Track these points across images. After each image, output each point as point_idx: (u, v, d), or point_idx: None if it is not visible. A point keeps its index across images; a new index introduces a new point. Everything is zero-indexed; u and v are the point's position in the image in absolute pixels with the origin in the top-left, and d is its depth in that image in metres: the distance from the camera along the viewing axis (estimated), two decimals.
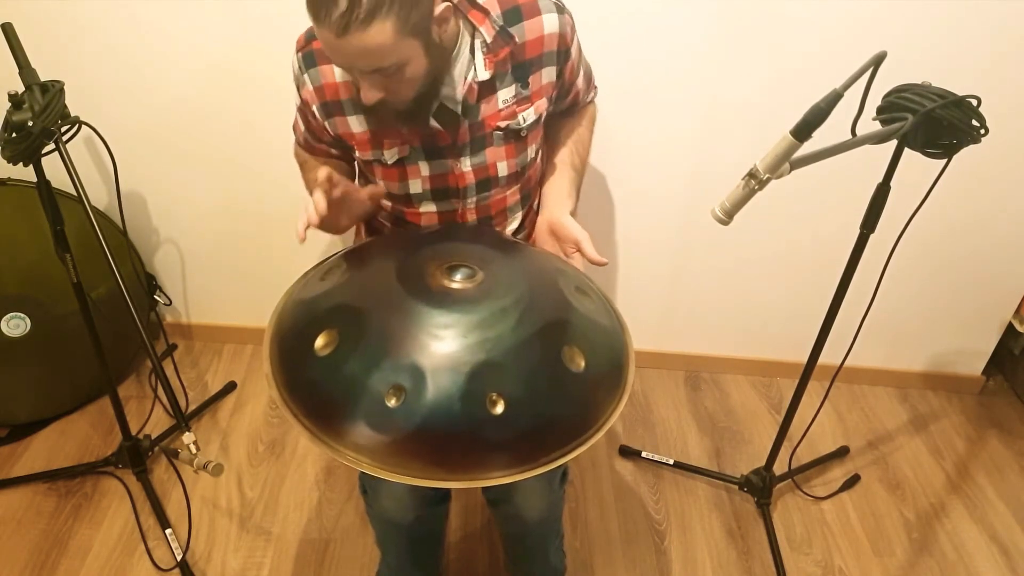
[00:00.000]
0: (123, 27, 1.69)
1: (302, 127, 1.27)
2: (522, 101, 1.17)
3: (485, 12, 1.10)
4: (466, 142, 1.17)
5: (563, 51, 1.17)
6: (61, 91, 1.22)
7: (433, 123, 1.13)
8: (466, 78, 1.11)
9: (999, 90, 1.63)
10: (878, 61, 1.02)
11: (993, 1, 1.57)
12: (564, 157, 1.32)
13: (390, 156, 1.17)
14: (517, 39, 1.12)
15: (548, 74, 1.18)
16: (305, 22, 1.19)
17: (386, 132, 1.16)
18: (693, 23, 1.63)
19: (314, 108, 1.17)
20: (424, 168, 1.19)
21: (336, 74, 1.13)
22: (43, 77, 1.23)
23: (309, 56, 1.14)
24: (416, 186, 1.21)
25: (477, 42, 1.11)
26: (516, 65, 1.14)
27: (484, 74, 1.12)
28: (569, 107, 1.34)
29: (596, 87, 1.39)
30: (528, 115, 1.18)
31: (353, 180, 1.33)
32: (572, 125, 1.35)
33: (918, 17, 1.59)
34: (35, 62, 1.23)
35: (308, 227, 1.04)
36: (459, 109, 1.14)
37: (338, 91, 1.14)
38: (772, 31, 1.63)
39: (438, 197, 1.23)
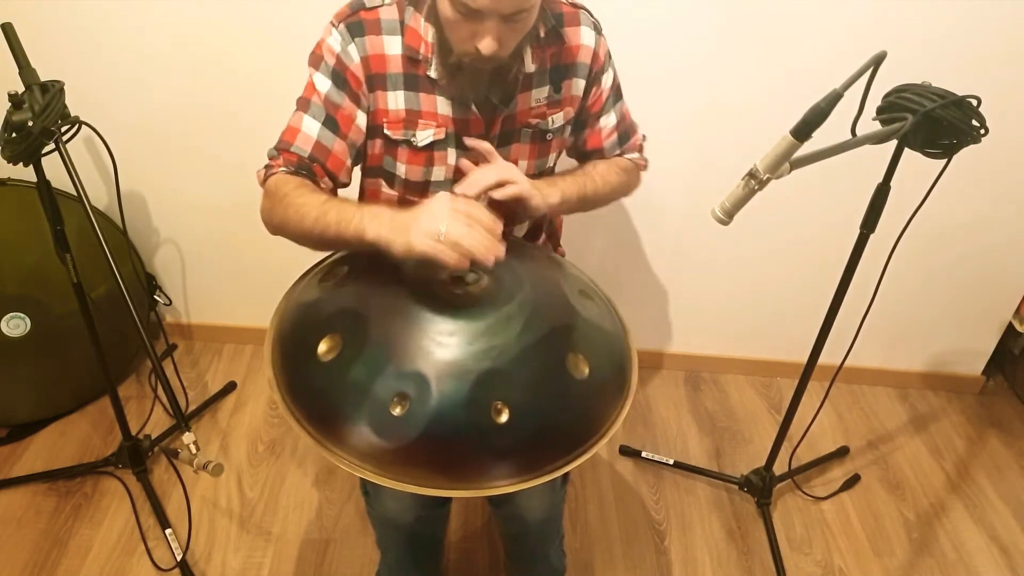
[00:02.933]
0: (123, 27, 1.69)
1: (316, 127, 1.11)
2: (553, 104, 1.19)
3: (542, 9, 1.11)
4: (495, 134, 1.17)
5: (593, 70, 1.20)
6: (61, 91, 1.22)
7: (473, 110, 1.14)
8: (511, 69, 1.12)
9: (999, 90, 1.62)
10: (878, 61, 1.02)
11: (993, 1, 1.57)
12: (584, 168, 1.28)
13: (423, 138, 1.15)
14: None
15: (577, 86, 1.20)
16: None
17: (422, 113, 1.13)
18: (693, 23, 1.63)
19: (362, 80, 1.10)
20: (452, 156, 1.18)
21: (385, 46, 1.10)
22: (43, 77, 1.23)
23: (356, 25, 1.09)
24: (439, 173, 1.20)
25: (530, 35, 1.11)
26: (554, 67, 1.17)
27: (530, 67, 1.13)
28: (588, 152, 1.31)
29: (641, 155, 1.35)
30: (557, 119, 1.20)
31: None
32: (597, 162, 1.30)
33: (918, 17, 1.59)
34: (35, 62, 1.23)
35: None
36: (497, 98, 1.14)
37: (384, 63, 1.11)
38: (772, 31, 1.63)
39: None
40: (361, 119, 1.13)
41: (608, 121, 1.28)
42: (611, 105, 1.27)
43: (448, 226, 0.89)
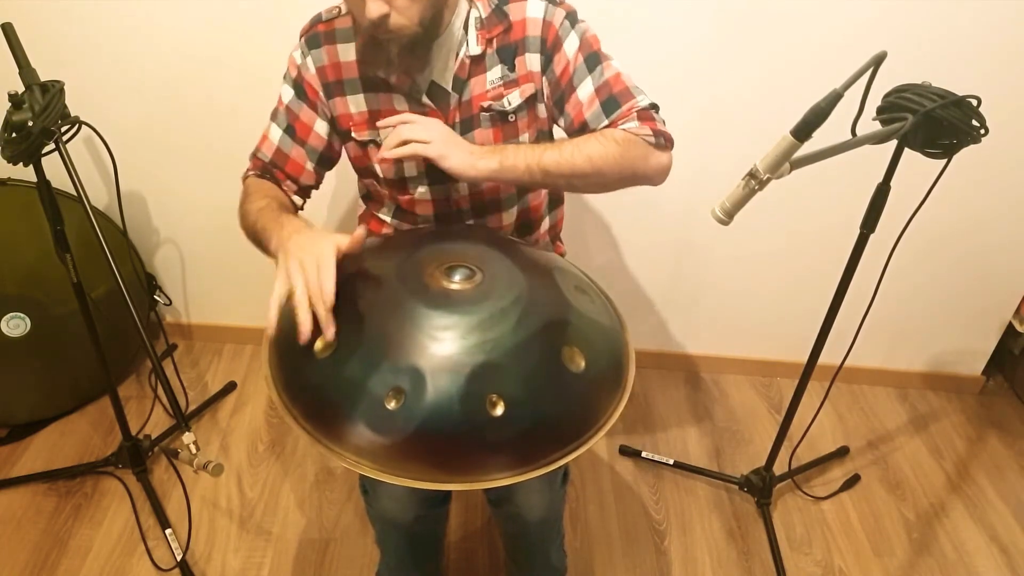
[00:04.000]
0: (123, 27, 1.69)
1: (278, 135, 1.22)
2: (509, 84, 1.18)
3: None
4: (455, 121, 1.18)
5: (547, 41, 1.13)
6: (61, 91, 1.22)
7: (426, 100, 1.15)
8: (458, 53, 1.13)
9: (999, 90, 1.63)
10: (878, 61, 1.02)
11: (993, 1, 1.57)
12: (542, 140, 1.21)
13: (385, 135, 1.18)
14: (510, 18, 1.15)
15: (532, 61, 1.16)
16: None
17: (382, 112, 1.17)
18: (693, 23, 1.63)
19: (319, 92, 1.19)
20: None
21: (339, 53, 1.15)
22: (43, 77, 1.23)
23: (314, 38, 1.17)
24: (411, 169, 1.22)
25: (472, 17, 1.13)
26: (502, 46, 1.16)
27: (475, 49, 1.14)
28: (578, 129, 1.17)
29: (638, 121, 1.12)
30: (513, 98, 1.18)
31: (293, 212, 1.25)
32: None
33: (918, 17, 1.59)
34: (35, 62, 1.23)
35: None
36: (449, 85, 1.15)
37: (340, 70, 1.17)
38: (772, 31, 1.63)
39: (433, 180, 1.24)
40: (320, 127, 1.22)
41: (585, 90, 1.14)
42: (585, 72, 1.14)
43: (287, 270, 0.95)
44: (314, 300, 0.90)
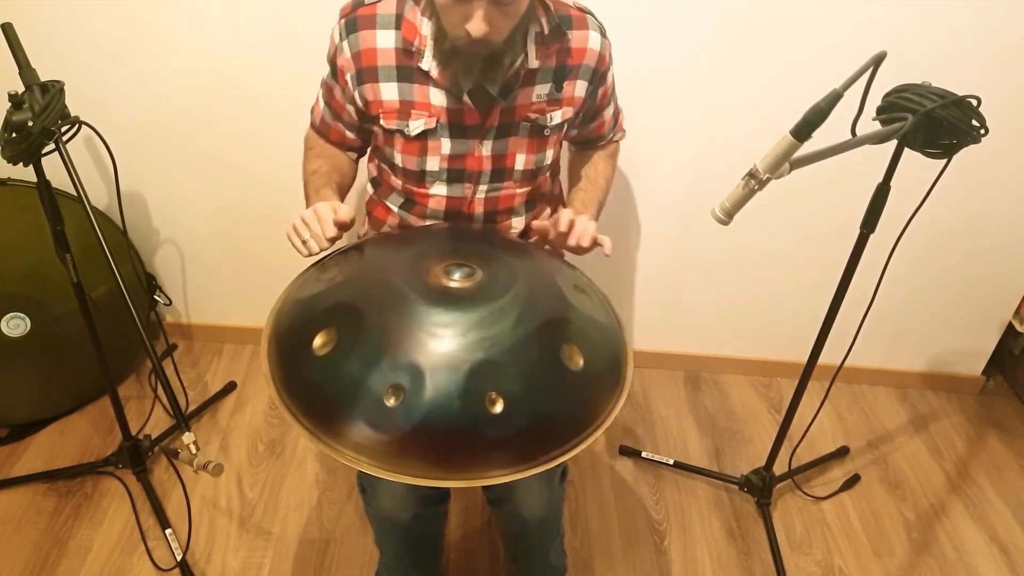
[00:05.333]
0: (123, 27, 1.69)
1: (322, 105, 1.29)
2: (552, 102, 1.22)
3: (546, 7, 1.15)
4: (493, 125, 1.20)
5: (599, 71, 1.24)
6: (61, 91, 1.22)
7: (466, 99, 1.16)
8: (514, 62, 1.14)
9: (999, 90, 1.63)
10: (878, 61, 1.02)
11: (993, 1, 1.57)
12: (590, 174, 1.39)
13: (415, 127, 1.19)
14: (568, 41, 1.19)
15: (581, 87, 1.23)
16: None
17: (415, 103, 1.18)
18: (693, 23, 1.63)
19: (347, 77, 1.19)
20: (445, 146, 1.21)
21: (378, 40, 1.16)
22: (43, 77, 1.23)
23: (352, 22, 1.16)
24: (434, 163, 1.23)
25: (533, 31, 1.15)
26: (559, 67, 1.20)
27: (533, 63, 1.16)
28: (592, 139, 1.40)
29: (624, 131, 1.45)
30: (555, 116, 1.23)
31: (353, 176, 1.35)
32: (594, 156, 1.42)
33: (918, 17, 1.59)
34: (35, 62, 1.23)
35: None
36: (496, 90, 1.16)
37: (375, 57, 1.16)
38: (772, 31, 1.63)
39: (452, 179, 1.25)
40: (351, 107, 1.24)
41: (609, 111, 1.36)
42: (612, 97, 1.34)
43: (298, 220, 1.10)
44: (311, 228, 1.08)
